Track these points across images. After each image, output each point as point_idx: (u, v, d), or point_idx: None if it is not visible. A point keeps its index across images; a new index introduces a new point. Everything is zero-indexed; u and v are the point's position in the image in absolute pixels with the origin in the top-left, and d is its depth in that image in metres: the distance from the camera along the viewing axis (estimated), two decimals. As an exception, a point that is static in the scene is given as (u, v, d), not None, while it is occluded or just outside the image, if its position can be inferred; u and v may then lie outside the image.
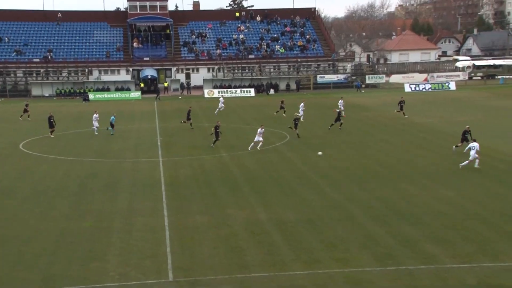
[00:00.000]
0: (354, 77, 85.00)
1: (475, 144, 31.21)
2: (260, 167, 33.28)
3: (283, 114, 53.01)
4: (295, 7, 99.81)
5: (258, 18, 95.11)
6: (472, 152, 31.00)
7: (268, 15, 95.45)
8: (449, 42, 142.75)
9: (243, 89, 79.42)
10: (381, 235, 21.44)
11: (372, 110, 56.54)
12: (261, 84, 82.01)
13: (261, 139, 37.30)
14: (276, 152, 37.43)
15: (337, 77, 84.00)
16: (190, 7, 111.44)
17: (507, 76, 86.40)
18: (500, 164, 32.38)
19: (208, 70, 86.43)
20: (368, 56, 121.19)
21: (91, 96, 76.00)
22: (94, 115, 46.33)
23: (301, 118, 48.00)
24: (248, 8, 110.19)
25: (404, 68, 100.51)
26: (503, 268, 18.11)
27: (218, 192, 28.00)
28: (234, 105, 64.37)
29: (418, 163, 33.47)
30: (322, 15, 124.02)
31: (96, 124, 45.74)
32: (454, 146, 35.66)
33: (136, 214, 24.51)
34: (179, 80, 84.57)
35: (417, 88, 78.20)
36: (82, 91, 78.97)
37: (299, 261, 19.17)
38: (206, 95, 76.89)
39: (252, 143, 37.79)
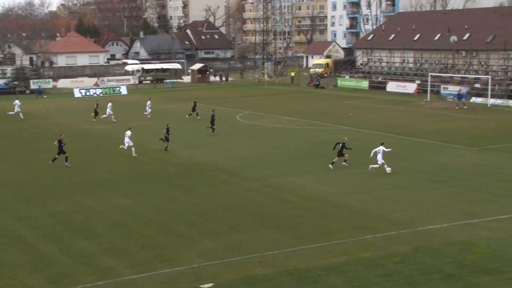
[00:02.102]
0: (16, 82, 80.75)
1: (380, 148, 31.54)
2: None
3: (101, 117, 52.60)
4: None
5: None
6: (379, 156, 31.38)
7: None
8: (117, 45, 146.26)
9: None
10: (54, 254, 20.78)
11: (41, 118, 54.62)
12: None
13: (131, 143, 36.76)
14: None
15: (-4, 82, 78.73)
16: None
17: (174, 80, 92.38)
18: (173, 168, 34.37)
19: None
20: (31, 59, 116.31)
21: None
22: None
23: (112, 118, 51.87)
24: None
25: (72, 72, 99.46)
26: (179, 272, 19.20)
27: None
28: None
29: (93, 171, 33.40)
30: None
31: None
32: (330, 164, 33.05)
33: None
34: None
35: (88, 93, 78.11)
36: None
37: (-42, 298, 17.33)
38: None
39: (130, 147, 36.77)
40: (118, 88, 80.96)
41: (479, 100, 61.19)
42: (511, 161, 34.39)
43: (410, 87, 71.78)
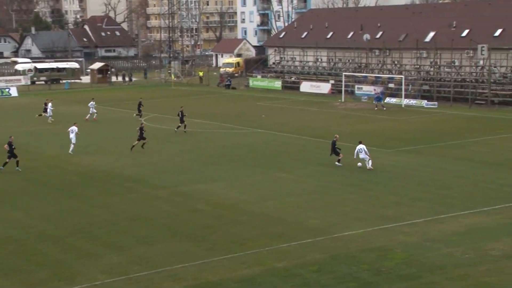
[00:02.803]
0: None
1: (361, 146, 32.95)
2: None
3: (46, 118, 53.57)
4: None
5: None
6: (362, 155, 32.99)
7: None
8: (5, 41, 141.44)
9: None
10: None
11: None
12: None
13: (74, 140, 39.07)
14: None
15: None
16: None
17: (72, 80, 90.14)
18: (72, 176, 33.52)
19: None
20: None
21: None
22: None
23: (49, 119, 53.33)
24: None
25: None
26: (81, 291, 18.79)
27: None
28: None
29: (-21, 183, 32.06)
30: None
31: None
32: (336, 162, 34.43)
33: None
34: None
35: (-28, 95, 75.08)
36: None
37: None
38: None
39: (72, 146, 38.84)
40: (7, 90, 78.12)
41: (393, 100, 63.47)
42: (425, 163, 35.87)
43: (324, 87, 73.47)
